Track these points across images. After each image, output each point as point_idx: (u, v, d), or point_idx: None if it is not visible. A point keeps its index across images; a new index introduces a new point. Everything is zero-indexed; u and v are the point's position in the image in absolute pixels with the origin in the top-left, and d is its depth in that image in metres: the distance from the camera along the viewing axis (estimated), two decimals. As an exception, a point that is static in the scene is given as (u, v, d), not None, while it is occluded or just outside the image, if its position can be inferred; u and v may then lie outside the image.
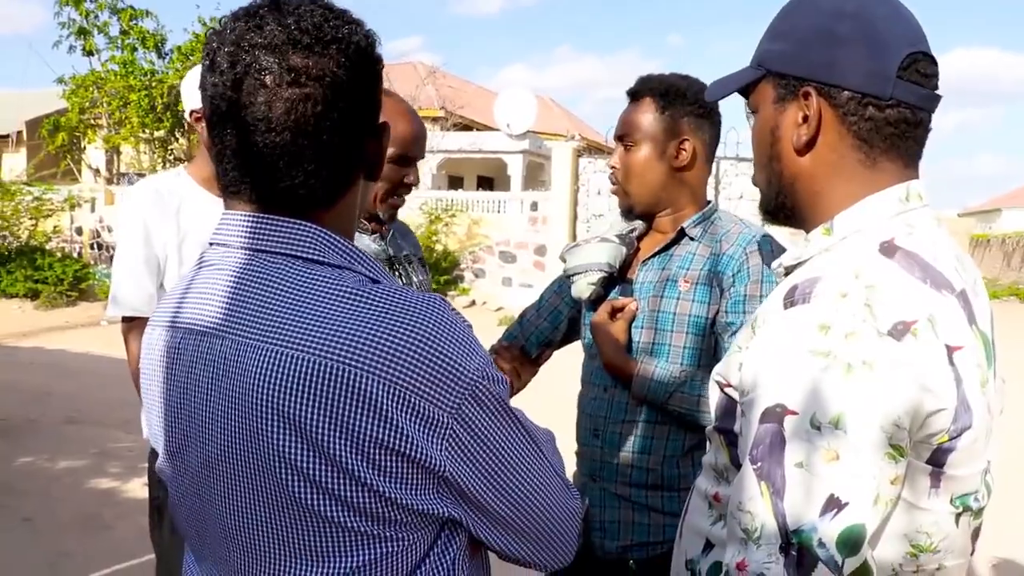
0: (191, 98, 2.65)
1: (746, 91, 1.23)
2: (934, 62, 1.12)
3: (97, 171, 19.82)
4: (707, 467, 1.23)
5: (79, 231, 16.75)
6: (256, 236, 1.00)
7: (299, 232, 0.99)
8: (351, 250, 1.02)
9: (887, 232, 1.07)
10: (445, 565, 1.02)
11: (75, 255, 16.28)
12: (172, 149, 19.28)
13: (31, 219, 16.06)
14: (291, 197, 0.99)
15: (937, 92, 1.12)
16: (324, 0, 1.01)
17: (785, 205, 1.20)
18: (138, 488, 5.19)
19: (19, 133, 20.85)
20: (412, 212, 14.10)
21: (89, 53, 18.58)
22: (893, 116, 1.09)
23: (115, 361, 9.68)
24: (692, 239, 1.98)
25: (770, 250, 1.91)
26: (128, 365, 2.58)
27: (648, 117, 1.98)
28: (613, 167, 2.05)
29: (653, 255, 2.01)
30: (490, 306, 14.20)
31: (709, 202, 2.06)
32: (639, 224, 2.09)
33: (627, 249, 2.05)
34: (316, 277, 0.97)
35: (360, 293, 0.95)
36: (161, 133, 18.63)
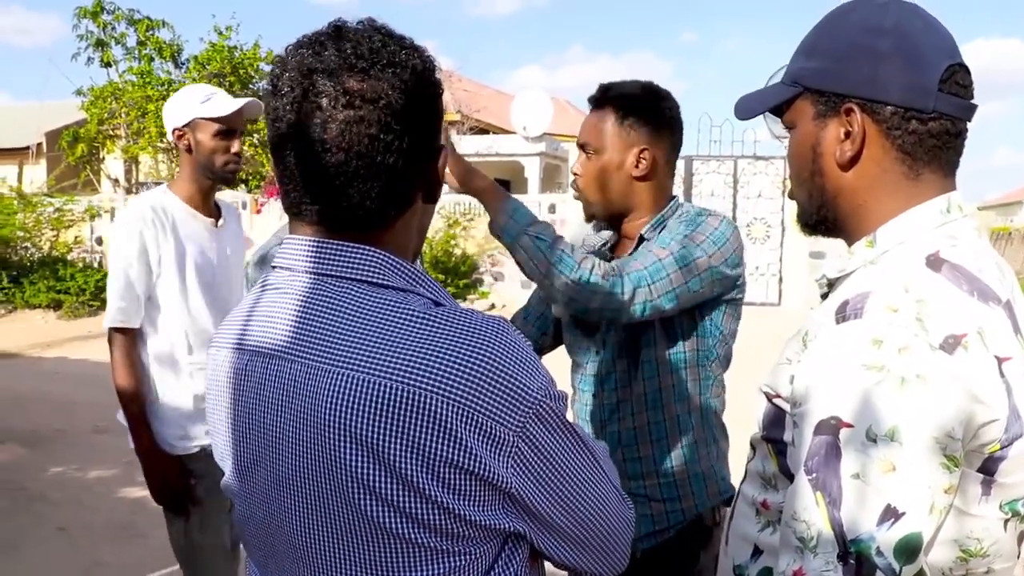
0: (173, 117, 2.72)
1: (778, 108, 1.24)
2: (969, 72, 1.13)
3: (116, 181, 19.99)
4: (753, 474, 1.25)
5: (99, 241, 16.87)
6: (320, 260, 1.03)
7: (362, 256, 1.02)
8: (413, 273, 1.05)
9: (931, 245, 1.09)
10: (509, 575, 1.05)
11: (96, 265, 16.40)
12: (190, 158, 19.39)
13: (52, 230, 16.20)
14: (349, 217, 1.02)
15: (974, 102, 1.14)
16: (385, 27, 1.05)
17: (827, 219, 1.21)
18: (169, 497, 5.24)
19: (39, 145, 21.04)
20: (430, 217, 14.11)
21: (107, 64, 18.76)
22: (936, 128, 1.11)
23: (140, 370, 9.77)
24: (648, 240, 2.00)
25: (702, 213, 1.96)
26: (111, 374, 2.66)
27: (608, 126, 2.00)
28: (575, 174, 2.08)
29: None
30: (509, 309, 14.22)
31: (674, 197, 2.09)
32: (610, 236, 2.14)
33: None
34: (382, 301, 1.00)
35: (426, 317, 0.98)
36: (179, 142, 18.75)
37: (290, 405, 1.00)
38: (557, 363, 2.53)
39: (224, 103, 2.67)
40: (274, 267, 1.09)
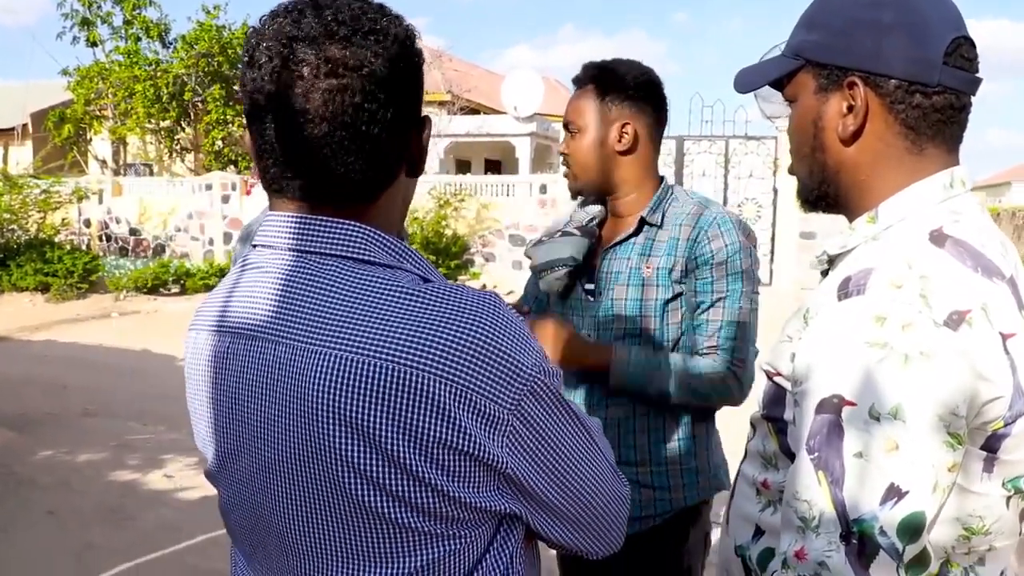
0: None
1: (778, 81, 1.22)
2: (974, 45, 1.11)
3: (104, 162, 19.89)
4: (753, 454, 1.24)
5: (87, 223, 16.81)
6: (304, 237, 1.00)
7: (347, 232, 0.99)
8: (400, 248, 1.01)
9: (934, 220, 1.07)
10: (504, 558, 1.03)
11: (84, 247, 16.33)
12: (179, 139, 19.32)
13: (39, 212, 16.09)
14: (333, 191, 0.99)
15: (978, 75, 1.12)
16: None
17: (828, 195, 1.19)
18: (159, 479, 5.24)
19: (24, 126, 20.87)
20: (421, 197, 14.10)
21: (93, 44, 18.63)
22: (940, 102, 1.09)
23: (128, 352, 9.76)
24: (652, 225, 2.02)
25: (731, 229, 1.96)
26: None
27: (589, 104, 2.04)
28: (562, 153, 2.11)
29: (616, 243, 2.05)
30: (501, 289, 14.18)
31: (663, 178, 2.10)
32: (597, 212, 2.15)
33: (589, 239, 2.09)
34: (368, 278, 0.97)
35: (415, 293, 0.95)
36: (167, 123, 18.69)
37: (275, 388, 0.97)
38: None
39: None
40: (255, 245, 1.05)
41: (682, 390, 1.91)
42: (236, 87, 16.43)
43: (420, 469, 0.92)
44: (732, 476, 1.42)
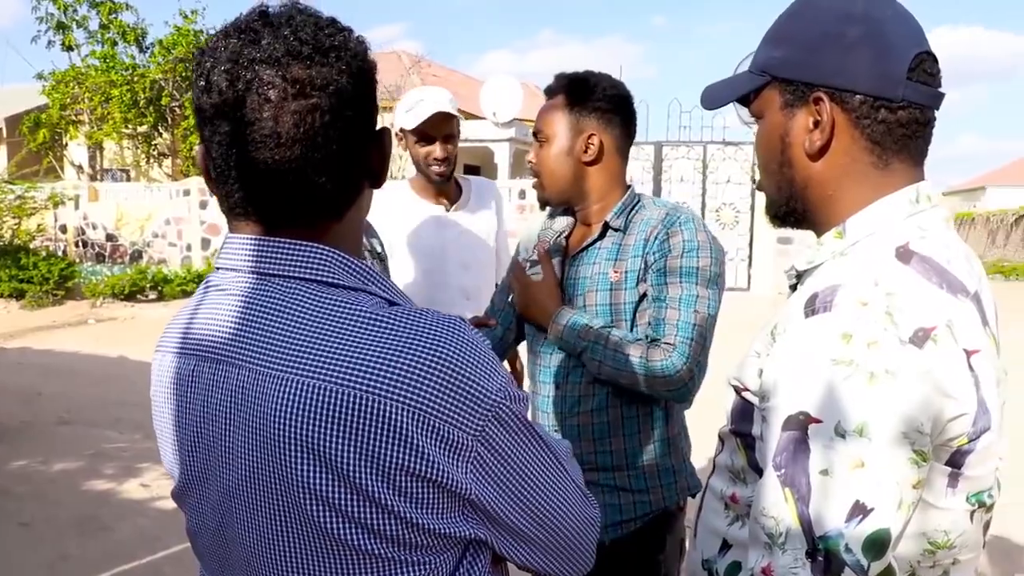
0: (396, 123, 2.92)
1: (745, 97, 1.23)
2: (936, 60, 1.13)
3: (80, 168, 19.70)
4: (722, 468, 1.24)
5: (63, 229, 16.62)
6: (267, 260, 0.98)
7: (310, 254, 0.97)
8: (364, 270, 1.00)
9: (901, 236, 1.08)
10: None
11: (60, 253, 16.16)
12: (156, 144, 19.15)
13: (14, 218, 15.89)
14: (301, 212, 0.98)
15: (941, 90, 1.13)
16: (310, 9, 1.00)
17: (796, 210, 1.20)
18: (135, 489, 5.18)
19: (-1, 130, 20.65)
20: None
21: (69, 48, 18.46)
22: (905, 117, 1.10)
23: (104, 360, 9.66)
24: (617, 230, 2.04)
25: (692, 228, 1.97)
26: None
27: (558, 114, 2.07)
28: (530, 162, 2.14)
29: (581, 250, 2.07)
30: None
31: (629, 187, 2.12)
32: (566, 225, 2.18)
33: (559, 257, 2.14)
34: (332, 302, 0.96)
35: (378, 318, 0.94)
36: (144, 128, 18.50)
37: (238, 413, 0.96)
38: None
39: (421, 112, 2.86)
40: (218, 268, 1.04)
41: (618, 364, 1.91)
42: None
43: (383, 496, 0.91)
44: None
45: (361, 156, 1.01)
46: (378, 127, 1.05)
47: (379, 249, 2.70)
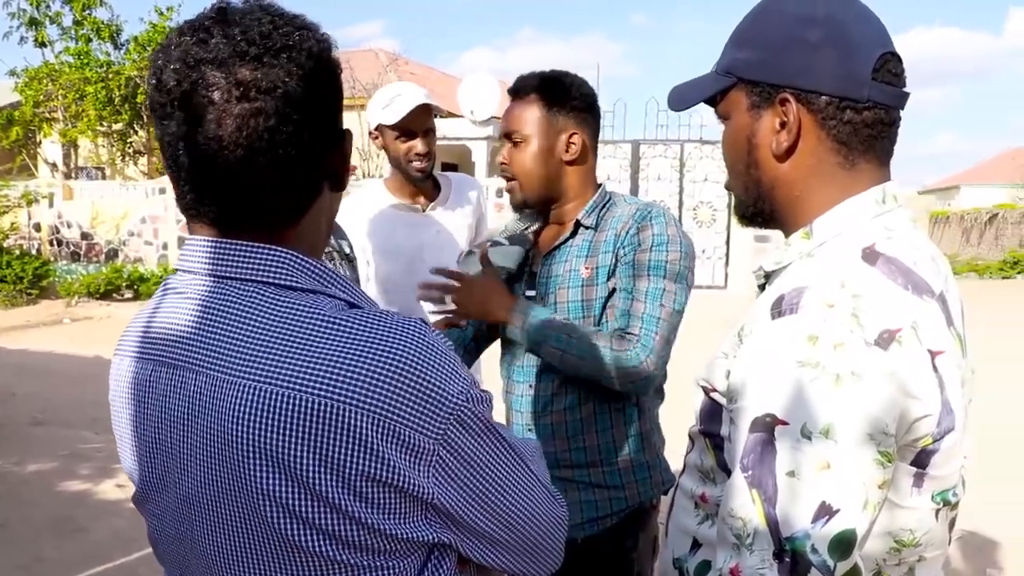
0: (369, 120, 2.90)
1: (712, 99, 1.23)
2: (901, 60, 1.14)
3: (54, 166, 19.51)
4: (692, 467, 1.25)
5: (37, 227, 16.45)
6: (224, 263, 0.97)
7: (267, 257, 0.96)
8: (324, 272, 0.99)
9: (867, 237, 1.09)
10: None
11: (34, 252, 16.00)
12: (131, 142, 18.99)
13: (-13, 216, 15.76)
14: (254, 216, 0.96)
15: (906, 90, 1.14)
16: (273, 6, 0.97)
17: (763, 211, 1.21)
18: (111, 489, 5.15)
19: (-29, 128, 20.40)
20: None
21: (42, 44, 18.26)
22: (870, 118, 1.11)
23: (80, 359, 9.57)
24: (588, 227, 2.04)
25: (663, 222, 1.97)
26: None
27: (534, 114, 2.05)
28: (503, 163, 2.10)
29: (553, 248, 2.07)
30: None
31: (600, 185, 2.13)
32: (534, 220, 2.18)
33: (524, 246, 2.13)
34: (289, 305, 0.94)
35: (337, 321, 0.93)
36: (119, 126, 18.36)
37: (196, 419, 0.94)
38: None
39: (400, 107, 2.81)
40: (176, 270, 1.03)
41: (582, 352, 1.89)
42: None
43: (343, 502, 0.90)
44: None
45: (318, 159, 0.99)
46: (343, 128, 1.03)
47: (347, 250, 2.67)
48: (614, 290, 1.97)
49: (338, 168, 1.03)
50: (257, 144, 0.92)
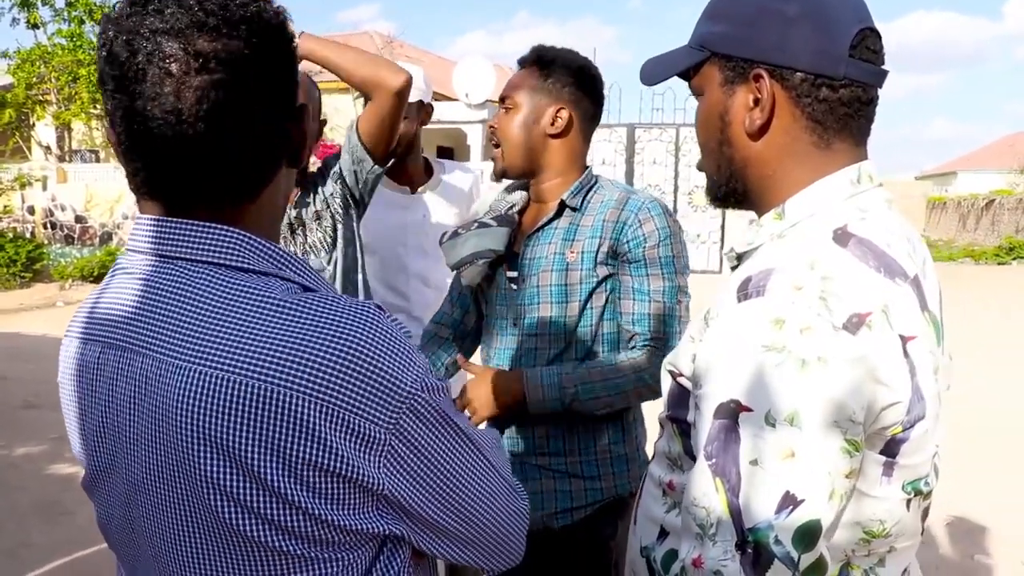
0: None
1: (686, 73, 1.19)
2: (880, 37, 1.09)
3: (48, 148, 19.41)
4: (660, 454, 1.22)
5: (31, 211, 16.43)
6: (173, 242, 0.93)
7: (219, 236, 0.93)
8: (279, 254, 0.95)
9: (840, 218, 1.06)
10: None
11: (28, 235, 15.96)
12: (125, 125, 18.86)
13: (-20, 199, 15.71)
14: (211, 192, 0.93)
15: (885, 68, 1.11)
16: None
17: (736, 191, 1.17)
18: (98, 473, 5.12)
19: (-37, 111, 20.30)
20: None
21: (34, 26, 18.15)
22: (847, 96, 1.07)
23: (72, 343, 9.53)
24: (574, 209, 2.01)
25: (660, 214, 1.95)
26: None
27: (530, 82, 2.04)
28: (492, 127, 2.09)
29: (537, 229, 2.03)
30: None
31: (588, 167, 2.09)
32: (518, 199, 2.13)
33: (508, 227, 2.07)
34: (239, 287, 0.91)
35: (287, 305, 0.89)
36: (113, 108, 18.24)
37: (142, 404, 0.91)
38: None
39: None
40: (127, 250, 0.99)
41: (617, 389, 1.88)
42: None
43: (290, 492, 0.87)
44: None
45: (276, 133, 0.96)
46: (301, 102, 1.00)
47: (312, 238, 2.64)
48: (604, 278, 1.94)
49: (296, 142, 1.00)
50: (219, 116, 0.88)
